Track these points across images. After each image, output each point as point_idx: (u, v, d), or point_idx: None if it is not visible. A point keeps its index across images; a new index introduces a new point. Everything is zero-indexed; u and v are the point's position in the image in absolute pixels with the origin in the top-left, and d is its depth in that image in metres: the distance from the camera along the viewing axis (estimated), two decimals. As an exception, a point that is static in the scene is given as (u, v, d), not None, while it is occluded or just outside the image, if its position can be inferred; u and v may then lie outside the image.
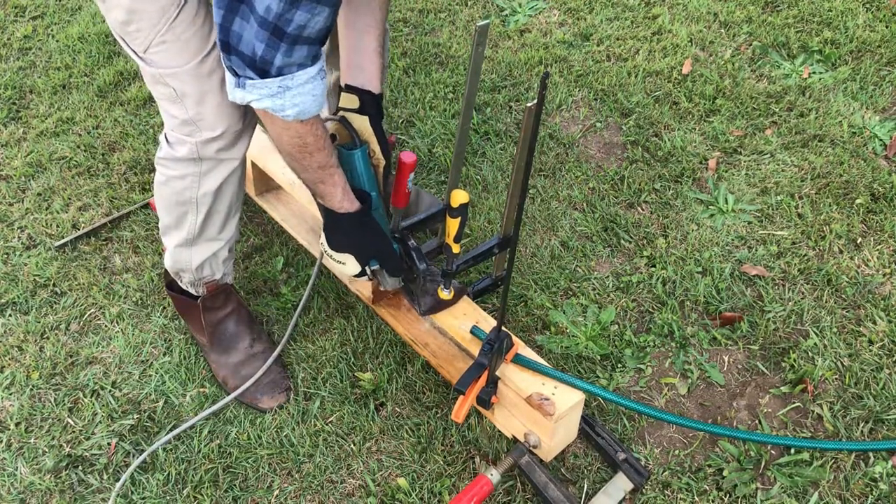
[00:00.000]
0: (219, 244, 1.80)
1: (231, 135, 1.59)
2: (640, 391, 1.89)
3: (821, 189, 2.40)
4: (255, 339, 1.93)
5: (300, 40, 1.28)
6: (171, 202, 1.70)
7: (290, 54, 1.29)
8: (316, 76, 1.36)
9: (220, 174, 1.65)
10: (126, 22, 1.46)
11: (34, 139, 2.61)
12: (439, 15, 3.20)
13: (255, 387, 1.85)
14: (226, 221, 1.76)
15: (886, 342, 1.97)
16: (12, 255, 2.22)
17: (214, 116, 1.54)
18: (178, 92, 1.52)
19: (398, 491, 1.69)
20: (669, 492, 1.69)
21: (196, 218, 1.71)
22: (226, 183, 1.67)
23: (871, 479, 1.70)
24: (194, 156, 1.60)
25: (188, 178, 1.64)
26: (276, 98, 1.34)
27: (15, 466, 1.75)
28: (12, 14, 3.24)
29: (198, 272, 1.82)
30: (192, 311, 1.91)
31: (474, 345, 1.73)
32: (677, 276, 2.13)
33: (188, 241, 1.76)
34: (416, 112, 2.69)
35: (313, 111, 1.40)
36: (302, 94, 1.35)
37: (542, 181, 2.43)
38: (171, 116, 1.58)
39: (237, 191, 1.73)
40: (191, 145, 1.59)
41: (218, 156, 1.61)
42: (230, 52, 1.31)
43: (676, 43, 2.99)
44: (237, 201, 1.76)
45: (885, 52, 2.92)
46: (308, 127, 1.42)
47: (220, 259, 1.83)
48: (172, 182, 1.66)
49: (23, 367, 1.94)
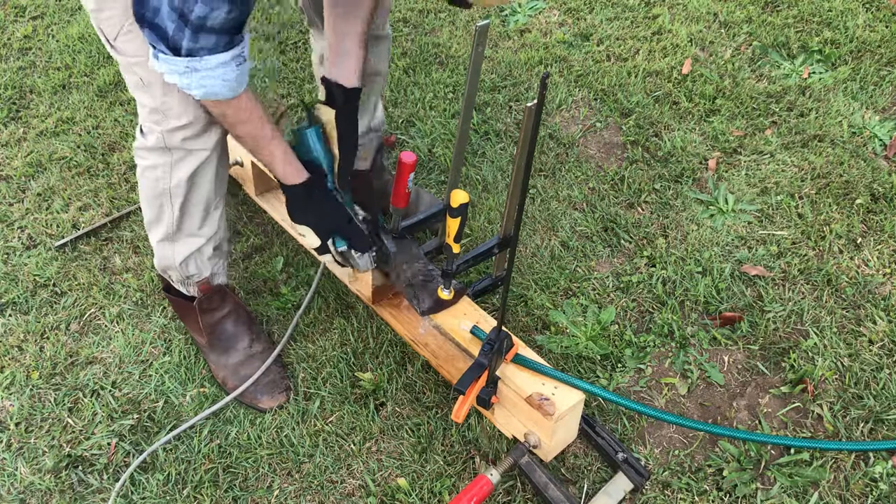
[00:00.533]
0: (201, 240, 1.80)
1: (199, 125, 1.60)
2: (640, 391, 1.89)
3: (821, 189, 2.40)
4: (254, 340, 1.93)
5: (204, 29, 1.32)
6: (149, 195, 1.73)
7: (195, 40, 1.33)
8: (229, 62, 1.39)
9: (191, 164, 1.66)
10: (98, 10, 1.51)
11: (34, 139, 2.61)
12: (439, 15, 3.20)
13: (254, 387, 1.85)
14: (205, 216, 1.77)
15: (886, 342, 1.97)
16: (12, 255, 2.22)
17: (181, 105, 1.56)
18: (144, 81, 1.55)
19: (398, 491, 1.69)
20: (669, 492, 1.69)
21: (172, 210, 1.72)
22: (198, 174, 1.68)
23: (871, 479, 1.70)
24: (162, 144, 1.62)
25: (160, 167, 1.66)
26: (183, 77, 1.38)
27: (15, 466, 1.75)
28: (12, 14, 3.24)
29: (183, 269, 1.82)
30: (189, 312, 1.91)
31: (474, 345, 1.73)
32: (677, 276, 2.13)
33: (169, 235, 1.77)
34: (416, 112, 2.69)
35: (224, 94, 1.43)
36: (210, 77, 1.38)
37: (542, 181, 2.43)
38: (142, 105, 1.61)
39: (214, 184, 1.73)
40: (158, 134, 1.61)
41: (185, 145, 1.63)
42: (144, 24, 1.34)
43: (676, 43, 2.99)
44: (216, 196, 1.76)
45: (885, 52, 2.92)
46: (225, 103, 1.47)
47: (205, 256, 1.83)
48: (147, 172, 1.69)
49: (23, 367, 1.94)
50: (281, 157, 1.61)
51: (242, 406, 1.86)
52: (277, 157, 1.61)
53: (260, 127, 1.55)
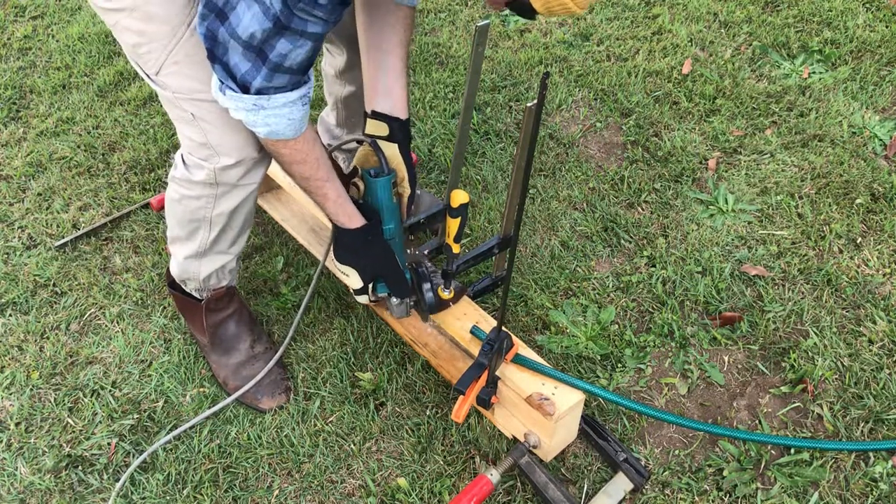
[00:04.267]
0: (228, 258, 1.80)
1: (249, 162, 1.58)
2: (640, 391, 1.89)
3: (821, 189, 2.40)
4: (255, 340, 1.93)
5: (281, 69, 1.30)
6: (184, 219, 1.70)
7: (270, 79, 1.31)
8: (295, 101, 1.37)
9: (237, 198, 1.65)
10: (137, 45, 1.46)
11: (34, 139, 2.61)
12: (439, 15, 3.20)
13: (255, 387, 1.85)
14: (238, 237, 1.77)
15: (886, 342, 1.97)
16: (12, 255, 2.22)
17: (231, 144, 1.54)
18: (195, 116, 1.51)
19: (398, 491, 1.69)
20: (669, 492, 1.69)
21: (208, 234, 1.71)
22: (242, 204, 1.67)
23: (871, 479, 1.70)
24: (212, 181, 1.59)
25: (203, 199, 1.64)
26: (250, 113, 1.36)
27: (15, 466, 1.75)
28: (12, 14, 3.24)
29: (205, 282, 1.83)
30: (193, 311, 1.91)
31: (474, 345, 1.73)
32: (677, 276, 2.13)
33: (198, 254, 1.76)
34: (416, 112, 2.69)
35: (286, 134, 1.42)
36: (276, 115, 1.37)
37: (542, 181, 2.43)
38: (188, 138, 1.57)
39: (251, 209, 1.73)
40: (208, 171, 1.57)
41: (237, 182, 1.61)
42: (215, 62, 1.32)
43: (676, 43, 2.99)
44: (250, 218, 1.76)
45: (885, 52, 2.92)
46: (283, 143, 1.44)
47: (227, 270, 1.84)
48: (186, 201, 1.66)
49: (23, 367, 1.94)
50: (334, 199, 1.57)
51: (242, 406, 1.86)
52: (331, 199, 1.56)
53: (315, 168, 1.51)
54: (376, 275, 1.70)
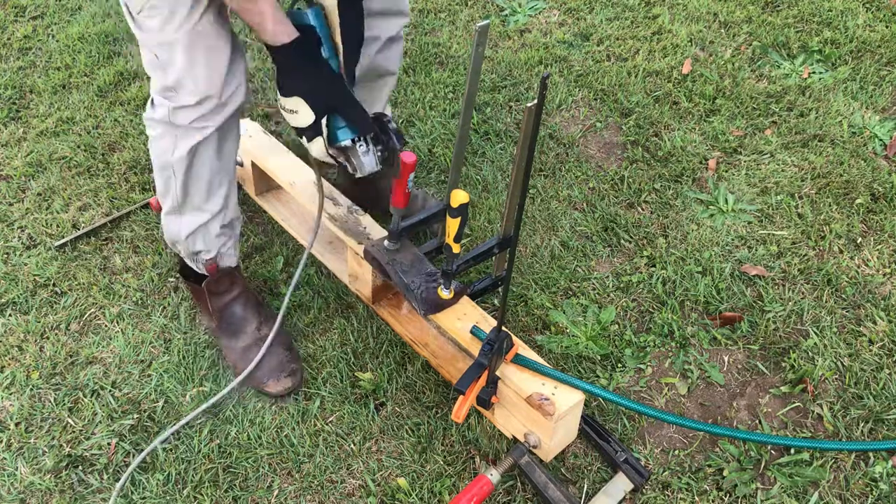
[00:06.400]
0: (206, 215, 1.80)
1: (207, 105, 1.62)
2: (640, 391, 1.89)
3: (821, 189, 2.40)
4: (262, 323, 1.94)
5: None
6: (157, 165, 1.76)
7: None
8: None
9: (192, 139, 1.67)
10: None
11: (34, 139, 2.61)
12: (439, 15, 3.20)
13: (260, 371, 1.85)
14: (209, 190, 1.77)
15: (886, 342, 1.97)
16: (12, 255, 2.22)
17: (192, 86, 1.59)
18: (160, 58, 1.58)
19: (398, 491, 1.69)
20: (669, 492, 1.69)
21: (176, 182, 1.74)
22: (200, 148, 1.69)
23: (871, 479, 1.70)
24: (167, 120, 1.65)
25: (166, 138, 1.69)
26: None
27: (15, 466, 1.75)
28: (12, 14, 3.24)
29: (190, 243, 1.83)
30: (202, 296, 1.93)
31: (474, 345, 1.73)
32: (677, 276, 2.13)
33: (174, 208, 1.79)
34: (416, 112, 2.69)
35: None
36: None
37: (542, 181, 2.43)
38: (155, 80, 1.64)
39: (217, 158, 1.72)
40: (166, 108, 1.64)
41: (189, 125, 1.65)
42: None
43: (676, 43, 2.99)
44: (221, 171, 1.76)
45: (885, 52, 2.92)
46: None
47: (212, 233, 1.83)
48: (154, 143, 1.72)
49: (23, 367, 1.94)
50: (271, 14, 1.49)
51: (242, 406, 1.86)
52: (267, 14, 1.48)
53: None
54: (325, 100, 1.58)
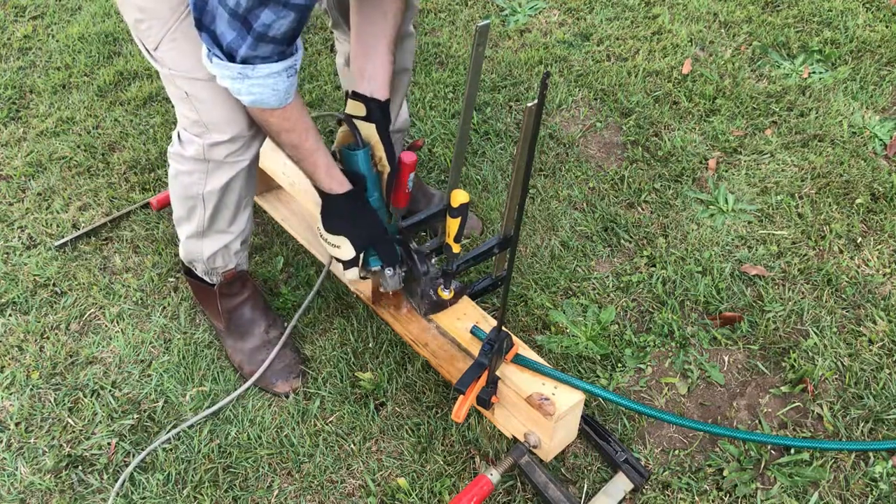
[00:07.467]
0: (230, 237, 1.82)
1: (239, 140, 1.61)
2: (640, 391, 1.89)
3: (821, 189, 2.40)
4: (270, 325, 1.96)
5: (265, 38, 1.32)
6: (182, 195, 1.74)
7: (254, 48, 1.34)
8: (280, 73, 1.40)
9: (227, 174, 1.67)
10: (139, 21, 1.51)
11: (34, 139, 2.61)
12: (439, 15, 3.20)
13: (269, 372, 1.88)
14: (235, 215, 1.79)
15: (886, 342, 1.97)
16: (12, 255, 2.22)
17: (224, 121, 1.58)
18: (189, 94, 1.56)
19: (398, 491, 1.69)
20: (669, 492, 1.69)
21: (204, 212, 1.74)
22: (232, 181, 1.69)
23: (871, 479, 1.70)
24: (201, 157, 1.63)
25: (195, 174, 1.67)
26: (235, 81, 1.40)
27: (15, 466, 1.75)
28: (12, 14, 3.24)
29: (210, 262, 1.85)
30: (208, 296, 1.93)
31: (474, 345, 1.73)
32: (677, 276, 2.13)
33: (198, 233, 1.79)
34: (416, 112, 2.69)
35: (271, 103, 1.44)
36: (261, 85, 1.40)
37: (542, 181, 2.43)
38: (183, 115, 1.62)
39: (245, 186, 1.74)
40: (199, 146, 1.62)
41: (224, 160, 1.64)
42: (202, 29, 1.35)
43: (676, 43, 2.99)
44: (247, 195, 1.78)
45: (885, 52, 2.92)
46: (270, 112, 1.47)
47: (232, 251, 1.85)
48: (181, 177, 1.70)
49: (23, 367, 1.94)
50: (324, 167, 1.60)
51: (242, 406, 1.86)
52: (321, 167, 1.60)
53: (304, 137, 1.55)
54: (366, 242, 1.71)
